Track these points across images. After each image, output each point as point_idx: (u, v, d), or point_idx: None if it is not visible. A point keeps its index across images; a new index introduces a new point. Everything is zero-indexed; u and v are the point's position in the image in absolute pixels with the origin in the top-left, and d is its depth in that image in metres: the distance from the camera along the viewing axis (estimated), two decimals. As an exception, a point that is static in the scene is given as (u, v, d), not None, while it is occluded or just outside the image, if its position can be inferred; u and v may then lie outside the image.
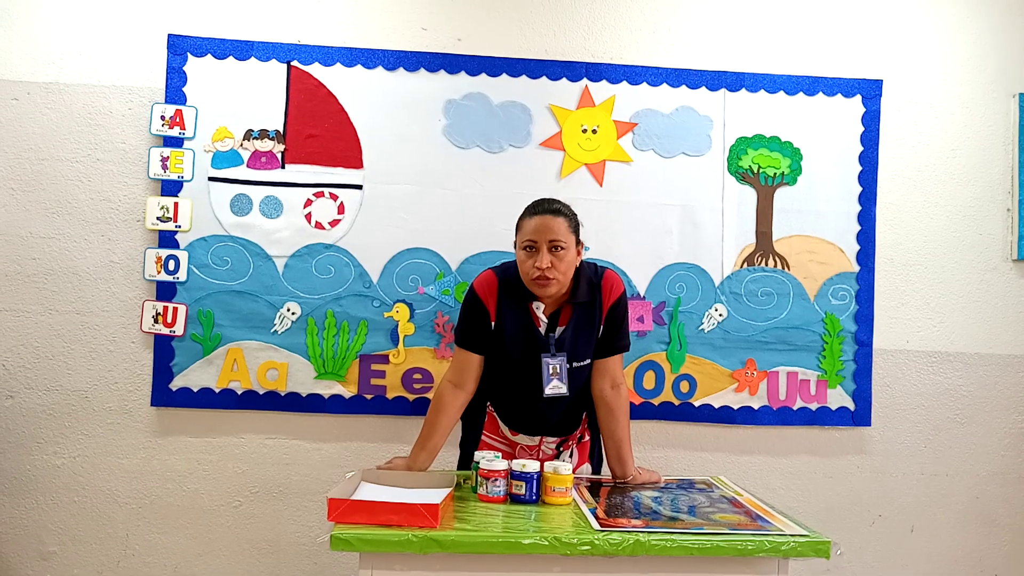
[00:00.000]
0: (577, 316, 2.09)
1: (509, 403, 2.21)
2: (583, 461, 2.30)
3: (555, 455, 2.24)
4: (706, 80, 2.84)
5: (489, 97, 2.78)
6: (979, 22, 2.94)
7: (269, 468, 2.73)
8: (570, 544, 1.60)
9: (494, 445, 2.26)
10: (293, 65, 2.72)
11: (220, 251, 2.69)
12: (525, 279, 2.04)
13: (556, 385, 2.05)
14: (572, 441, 2.28)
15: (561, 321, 2.09)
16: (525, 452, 2.25)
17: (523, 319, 2.08)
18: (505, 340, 2.09)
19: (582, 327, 2.09)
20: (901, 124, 2.91)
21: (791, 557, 1.65)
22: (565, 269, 2.01)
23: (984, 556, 2.95)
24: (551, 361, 2.05)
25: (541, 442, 2.24)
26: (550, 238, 1.99)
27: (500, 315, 2.09)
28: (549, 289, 2.01)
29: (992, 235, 2.94)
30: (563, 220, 2.03)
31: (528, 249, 2.02)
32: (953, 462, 2.93)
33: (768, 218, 2.85)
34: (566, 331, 2.08)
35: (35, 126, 2.68)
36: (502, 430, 2.27)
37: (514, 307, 2.09)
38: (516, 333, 2.08)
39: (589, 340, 2.11)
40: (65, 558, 2.70)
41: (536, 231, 2.00)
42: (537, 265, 1.98)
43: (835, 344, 2.85)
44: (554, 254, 1.99)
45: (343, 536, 1.58)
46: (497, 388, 2.20)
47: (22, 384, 2.68)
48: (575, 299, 2.08)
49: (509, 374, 2.12)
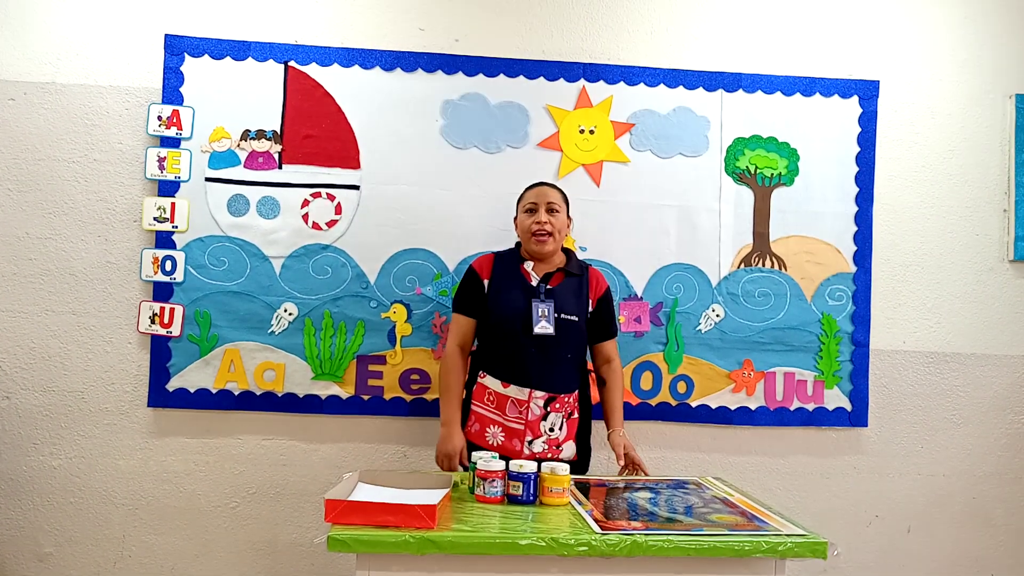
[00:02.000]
0: (567, 282, 2.40)
1: (502, 350, 2.33)
2: (570, 436, 2.36)
3: (543, 415, 2.30)
4: (703, 81, 2.84)
5: (486, 97, 2.78)
6: (976, 23, 2.95)
7: (266, 469, 2.73)
8: (567, 545, 1.60)
9: (483, 413, 2.33)
10: (290, 65, 2.72)
11: (217, 252, 2.69)
12: (525, 235, 2.38)
13: (544, 325, 2.30)
14: (561, 406, 2.32)
15: (552, 283, 2.38)
16: (514, 407, 2.29)
17: (517, 276, 2.38)
18: (500, 290, 2.37)
19: (570, 291, 2.38)
20: (898, 125, 2.92)
21: (788, 557, 1.65)
22: (559, 228, 2.37)
23: (981, 556, 2.95)
24: (540, 305, 2.32)
25: (530, 397, 2.29)
26: (548, 200, 2.37)
27: (494, 276, 2.40)
28: (546, 245, 2.34)
29: (989, 236, 2.95)
30: (558, 192, 2.43)
31: (529, 212, 2.37)
32: (950, 462, 2.94)
33: (765, 219, 2.85)
34: (556, 288, 2.37)
35: (31, 126, 2.67)
36: (490, 392, 2.33)
37: (508, 269, 2.40)
38: (510, 285, 2.37)
39: (578, 304, 2.38)
40: (61, 559, 2.69)
41: (537, 195, 2.39)
42: (537, 220, 2.33)
43: (832, 345, 2.85)
44: (551, 215, 2.35)
45: (340, 537, 1.58)
46: (492, 340, 2.37)
47: (18, 385, 2.68)
48: (567, 268, 2.41)
49: (504, 316, 2.34)
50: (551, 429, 2.31)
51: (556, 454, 2.31)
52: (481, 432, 2.33)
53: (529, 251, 2.39)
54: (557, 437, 2.32)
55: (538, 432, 2.30)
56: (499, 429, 2.31)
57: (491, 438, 2.31)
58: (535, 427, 2.30)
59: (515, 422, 2.30)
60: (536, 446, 2.29)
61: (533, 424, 2.30)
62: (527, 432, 2.29)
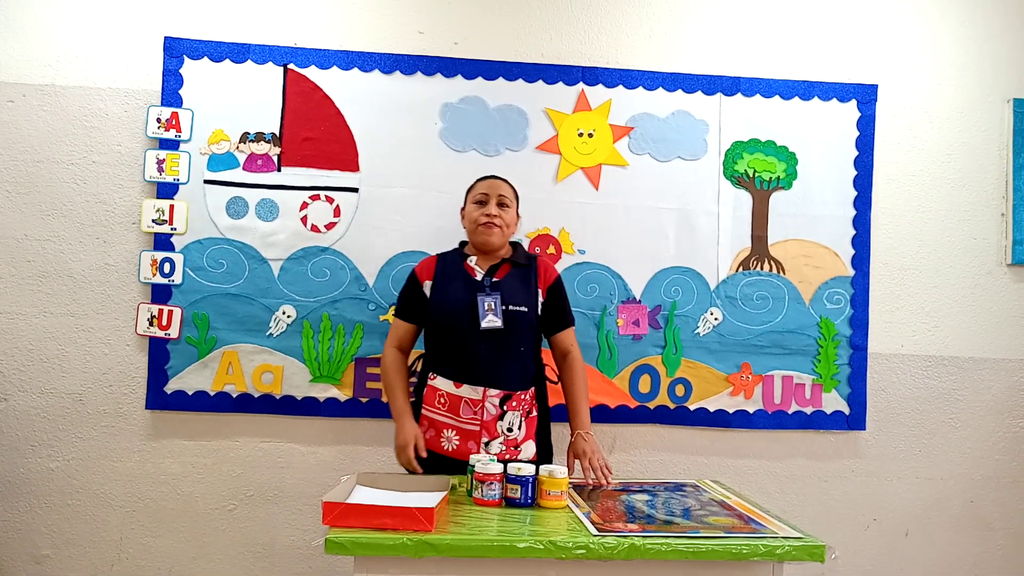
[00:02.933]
0: (513, 274, 2.33)
1: (451, 349, 2.27)
2: (529, 436, 2.27)
3: (499, 414, 2.22)
4: (702, 84, 2.85)
5: (485, 101, 2.78)
6: (974, 27, 2.96)
7: (264, 471, 2.73)
8: (565, 548, 1.60)
9: (434, 417, 2.25)
10: (289, 68, 2.72)
11: (216, 254, 2.69)
12: (471, 227, 2.33)
13: (491, 319, 2.23)
14: (518, 403, 2.25)
15: (498, 275, 2.32)
16: (468, 408, 2.22)
17: (461, 273, 2.32)
18: (444, 292, 2.30)
19: (517, 282, 2.32)
20: (896, 129, 2.92)
21: (786, 561, 1.65)
22: (509, 222, 2.33)
23: (978, 560, 2.95)
24: (486, 299, 2.25)
25: (484, 396, 2.22)
26: (499, 192, 2.33)
27: (436, 278, 2.33)
28: (493, 236, 2.29)
29: (987, 239, 2.95)
30: (510, 187, 2.39)
31: (479, 203, 2.32)
32: (948, 466, 2.94)
33: (763, 222, 2.86)
34: (502, 280, 2.31)
35: (31, 128, 2.67)
36: (441, 395, 2.25)
37: (452, 268, 2.34)
38: (454, 283, 2.30)
39: (526, 295, 2.30)
40: (59, 562, 2.69)
41: (488, 187, 2.34)
42: (486, 212, 2.29)
43: (830, 348, 2.85)
44: (500, 209, 2.31)
45: (338, 540, 1.58)
46: (440, 341, 2.31)
47: (16, 387, 2.67)
48: (512, 259, 2.35)
49: (449, 314, 2.27)
50: (509, 429, 2.23)
51: (515, 455, 2.23)
52: (436, 438, 2.24)
53: (475, 243, 2.34)
54: (516, 437, 2.24)
55: (495, 433, 2.22)
56: (453, 433, 2.22)
57: (446, 443, 2.23)
58: (491, 428, 2.22)
59: (470, 423, 2.22)
60: (493, 447, 2.21)
61: (489, 424, 2.22)
62: (483, 433, 2.21)
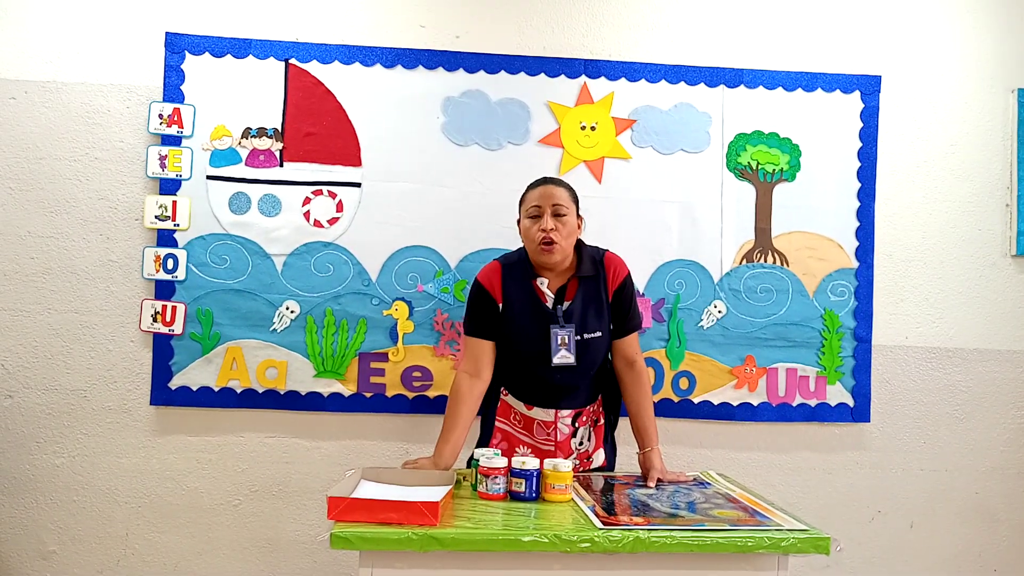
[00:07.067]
0: (583, 290, 2.17)
1: (522, 377, 2.23)
2: (598, 446, 2.29)
3: (572, 432, 2.23)
4: (705, 76, 2.84)
5: (487, 94, 2.77)
6: (978, 18, 2.94)
7: (269, 466, 2.73)
8: (570, 541, 1.60)
9: (509, 431, 2.27)
10: (291, 63, 2.72)
11: (219, 250, 2.69)
12: (531, 246, 2.14)
13: (564, 355, 2.11)
14: (587, 417, 2.26)
15: (568, 295, 2.17)
16: (542, 429, 2.23)
17: (530, 296, 2.16)
18: (514, 316, 2.16)
19: (589, 300, 2.16)
20: (900, 120, 2.91)
21: (791, 553, 1.65)
22: (567, 234, 2.12)
23: (983, 552, 2.95)
24: (559, 332, 2.12)
25: (557, 417, 2.22)
26: (553, 202, 2.11)
27: (507, 297, 2.17)
28: (554, 255, 2.10)
29: (991, 231, 2.94)
30: (564, 190, 2.16)
31: (533, 217, 2.12)
32: (952, 458, 2.93)
33: (767, 214, 2.85)
34: (573, 304, 2.16)
35: (32, 125, 2.67)
36: (516, 412, 2.27)
37: (519, 287, 2.17)
38: (524, 309, 2.15)
39: (599, 314, 2.17)
40: (65, 557, 2.70)
41: (540, 197, 2.12)
42: (542, 228, 2.08)
43: (834, 340, 2.85)
44: (557, 219, 2.10)
45: (343, 534, 1.58)
46: (510, 366, 2.24)
47: (21, 384, 2.68)
48: (580, 273, 2.17)
49: (521, 349, 2.17)
50: (580, 444, 2.25)
51: (587, 466, 2.25)
52: (510, 451, 2.22)
53: (536, 262, 2.16)
54: (587, 450, 2.26)
55: (569, 451, 2.23)
56: (529, 451, 2.23)
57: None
58: (566, 447, 2.22)
59: (544, 444, 2.22)
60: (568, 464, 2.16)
61: (563, 444, 2.22)
62: (558, 453, 2.21)
